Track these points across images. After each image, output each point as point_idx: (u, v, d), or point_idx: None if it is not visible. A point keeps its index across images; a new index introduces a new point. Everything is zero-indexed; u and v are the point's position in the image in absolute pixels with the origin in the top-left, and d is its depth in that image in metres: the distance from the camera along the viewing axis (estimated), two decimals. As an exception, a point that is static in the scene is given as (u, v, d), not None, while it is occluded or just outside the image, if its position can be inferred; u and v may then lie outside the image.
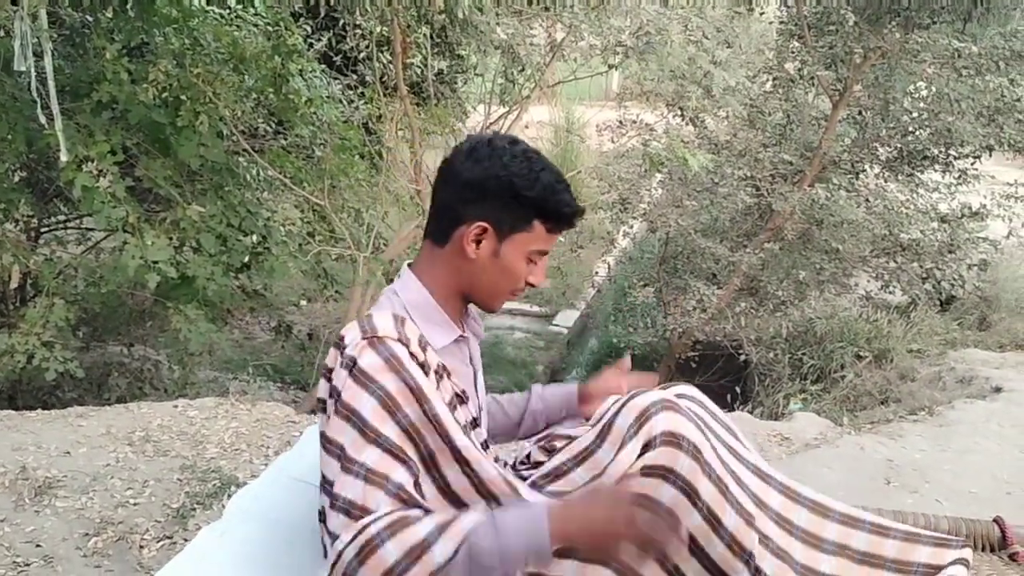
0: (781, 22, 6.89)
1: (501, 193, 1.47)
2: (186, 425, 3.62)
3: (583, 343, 8.83)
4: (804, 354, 5.91)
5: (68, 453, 3.26)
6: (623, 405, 1.46)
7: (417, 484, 1.31)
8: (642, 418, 1.42)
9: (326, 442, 1.34)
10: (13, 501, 2.87)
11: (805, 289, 6.39)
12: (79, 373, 4.55)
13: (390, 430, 1.30)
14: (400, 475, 1.28)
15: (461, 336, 1.59)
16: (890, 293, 6.51)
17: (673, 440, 1.39)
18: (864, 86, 6.20)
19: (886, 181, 6.68)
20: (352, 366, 1.32)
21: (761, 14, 7.29)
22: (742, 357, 6.13)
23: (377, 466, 1.27)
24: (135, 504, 2.92)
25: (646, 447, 1.40)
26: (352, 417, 1.30)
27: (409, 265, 1.59)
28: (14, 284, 5.16)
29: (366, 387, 1.31)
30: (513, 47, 5.98)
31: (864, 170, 6.58)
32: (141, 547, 2.66)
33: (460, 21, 5.63)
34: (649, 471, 1.39)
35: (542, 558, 1.25)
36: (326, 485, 1.32)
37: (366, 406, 1.30)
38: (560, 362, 8.07)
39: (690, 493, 1.38)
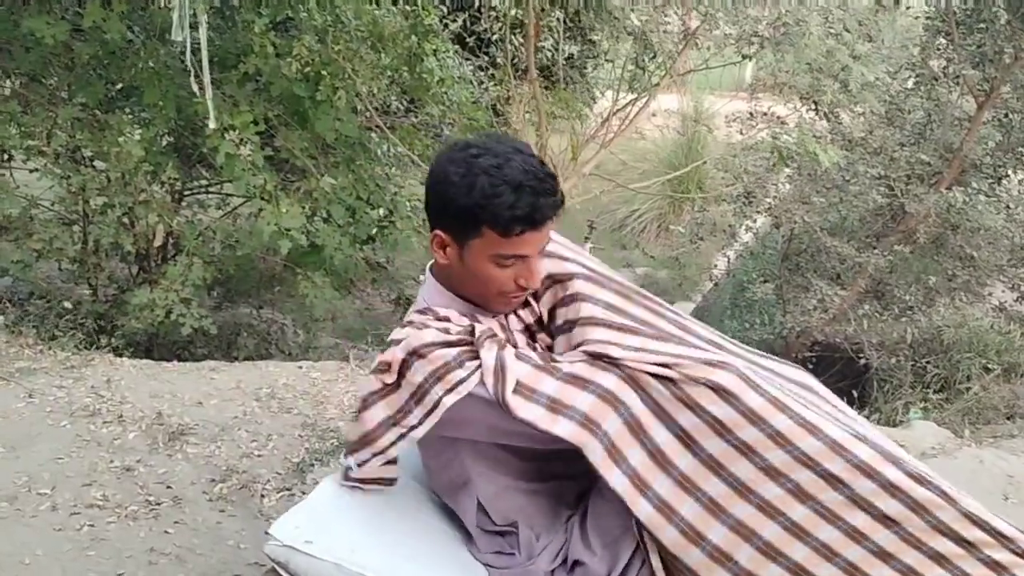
0: (928, 18, 6.62)
1: (445, 204, 1.46)
2: (309, 385, 3.79)
3: (697, 336, 8.70)
4: (928, 362, 5.69)
5: (200, 403, 3.47)
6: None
7: None
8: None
9: None
10: (148, 444, 3.07)
11: (934, 295, 6.16)
12: (212, 330, 4.79)
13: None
14: None
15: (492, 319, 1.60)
16: (1027, 305, 6.21)
17: (713, 386, 1.42)
18: (1013, 87, 5.92)
19: (1030, 188, 6.36)
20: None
21: (907, 8, 7.01)
22: (862, 361, 5.95)
23: None
24: (259, 455, 3.09)
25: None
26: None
27: (431, 267, 1.63)
28: (158, 242, 5.44)
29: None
30: (646, 34, 5.94)
31: (1007, 175, 6.29)
32: (262, 496, 2.81)
33: (594, 6, 5.63)
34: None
35: None
36: None
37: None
38: (673, 354, 7.97)
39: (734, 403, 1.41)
